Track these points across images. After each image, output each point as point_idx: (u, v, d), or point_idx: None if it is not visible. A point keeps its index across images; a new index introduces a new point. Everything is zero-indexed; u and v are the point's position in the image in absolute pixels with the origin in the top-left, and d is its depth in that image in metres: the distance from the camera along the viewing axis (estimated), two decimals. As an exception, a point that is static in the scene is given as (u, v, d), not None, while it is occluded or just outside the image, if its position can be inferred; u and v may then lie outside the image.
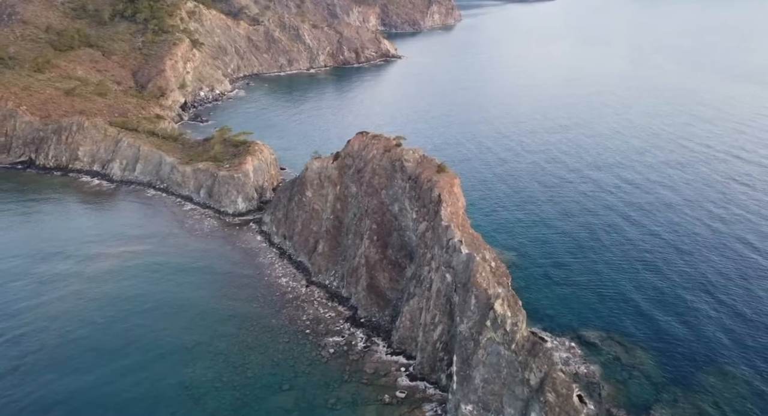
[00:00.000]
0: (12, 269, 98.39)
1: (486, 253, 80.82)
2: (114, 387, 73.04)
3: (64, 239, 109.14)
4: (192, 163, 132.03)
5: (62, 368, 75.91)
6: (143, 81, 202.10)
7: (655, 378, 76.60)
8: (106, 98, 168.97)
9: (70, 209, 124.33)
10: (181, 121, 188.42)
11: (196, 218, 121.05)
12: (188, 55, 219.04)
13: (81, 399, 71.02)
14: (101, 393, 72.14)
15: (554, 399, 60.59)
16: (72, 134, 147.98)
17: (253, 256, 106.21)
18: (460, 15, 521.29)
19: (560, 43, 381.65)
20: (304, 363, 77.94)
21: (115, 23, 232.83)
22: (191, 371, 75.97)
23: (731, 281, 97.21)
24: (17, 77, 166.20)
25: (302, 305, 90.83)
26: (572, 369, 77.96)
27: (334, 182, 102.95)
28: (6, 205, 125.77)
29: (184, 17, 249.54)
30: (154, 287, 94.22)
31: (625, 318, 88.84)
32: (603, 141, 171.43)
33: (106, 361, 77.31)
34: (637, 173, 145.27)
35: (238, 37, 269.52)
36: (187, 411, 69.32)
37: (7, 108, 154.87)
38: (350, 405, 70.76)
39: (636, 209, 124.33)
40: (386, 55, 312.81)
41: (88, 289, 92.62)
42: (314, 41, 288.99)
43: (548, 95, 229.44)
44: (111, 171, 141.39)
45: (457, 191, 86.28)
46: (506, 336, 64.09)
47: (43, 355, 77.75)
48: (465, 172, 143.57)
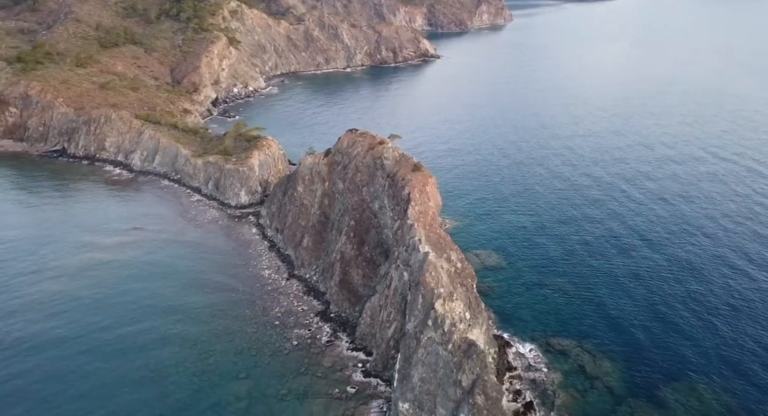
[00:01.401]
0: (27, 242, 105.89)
1: (452, 254, 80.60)
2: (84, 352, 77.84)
3: (72, 223, 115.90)
4: (203, 156, 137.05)
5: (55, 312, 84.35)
6: (179, 77, 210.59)
7: (617, 390, 74.27)
8: (138, 92, 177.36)
9: (86, 196, 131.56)
10: (210, 116, 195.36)
11: (200, 208, 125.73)
12: (224, 53, 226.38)
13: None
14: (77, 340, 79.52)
15: (483, 402, 59.98)
16: (100, 125, 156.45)
17: (245, 247, 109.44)
18: (510, 15, 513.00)
19: (613, 44, 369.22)
20: (266, 353, 79.99)
21: (160, 22, 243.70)
22: (159, 353, 79.46)
23: (718, 299, 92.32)
24: (58, 71, 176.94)
25: (278, 297, 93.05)
26: (532, 376, 76.73)
27: (323, 179, 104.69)
28: (36, 189, 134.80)
29: (226, 16, 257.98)
30: (142, 273, 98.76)
31: (601, 329, 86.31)
32: (622, 151, 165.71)
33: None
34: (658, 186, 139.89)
35: (278, 36, 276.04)
36: (145, 392, 72.63)
37: (46, 100, 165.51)
38: (300, 397, 72.22)
39: (655, 226, 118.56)
40: (425, 55, 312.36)
41: (81, 273, 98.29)
42: (352, 40, 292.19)
43: (582, 99, 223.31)
44: (132, 162, 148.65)
45: (429, 190, 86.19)
46: (444, 336, 63.88)
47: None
48: (473, 176, 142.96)
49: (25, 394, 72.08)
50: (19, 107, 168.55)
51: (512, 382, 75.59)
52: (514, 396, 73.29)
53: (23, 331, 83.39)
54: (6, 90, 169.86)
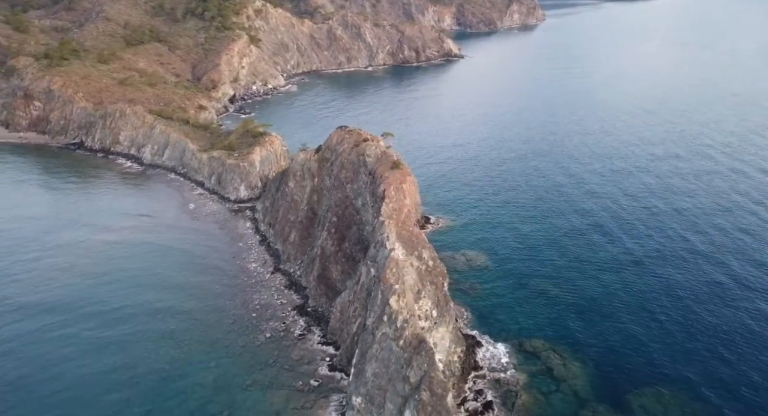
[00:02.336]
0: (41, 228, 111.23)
1: (424, 252, 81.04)
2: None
3: (79, 212, 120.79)
4: (208, 151, 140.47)
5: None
6: (200, 74, 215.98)
7: (582, 394, 73.29)
8: (155, 88, 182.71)
9: (97, 188, 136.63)
10: (226, 112, 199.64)
11: (201, 201, 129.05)
12: (245, 51, 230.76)
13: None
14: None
15: (428, 398, 60.24)
16: (115, 119, 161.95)
17: (236, 240, 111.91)
18: (543, 15, 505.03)
19: (649, 44, 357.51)
20: (239, 344, 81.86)
21: (186, 20, 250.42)
22: (135, 339, 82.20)
23: (697, 312, 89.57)
24: (81, 67, 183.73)
25: (260, 290, 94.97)
26: (497, 376, 76.43)
27: (313, 175, 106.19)
28: (52, 179, 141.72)
29: (250, 15, 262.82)
30: (132, 261, 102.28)
31: (578, 332, 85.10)
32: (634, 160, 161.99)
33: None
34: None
35: (301, 35, 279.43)
36: (116, 375, 75.36)
37: (67, 95, 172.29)
38: (263, 388, 73.70)
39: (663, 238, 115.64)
40: (448, 54, 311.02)
41: (84, 256, 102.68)
42: (374, 40, 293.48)
43: (599, 99, 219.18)
44: (143, 155, 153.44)
45: (406, 187, 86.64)
46: (396, 332, 64.34)
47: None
48: (475, 178, 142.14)
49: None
50: (43, 101, 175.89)
51: (475, 381, 75.47)
52: (475, 395, 73.21)
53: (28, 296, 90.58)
54: (31, 85, 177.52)
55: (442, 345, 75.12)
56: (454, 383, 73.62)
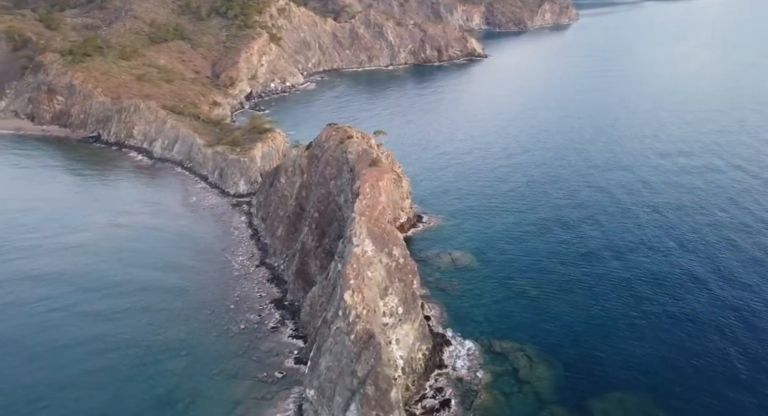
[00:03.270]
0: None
1: (395, 249, 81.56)
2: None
3: (84, 202, 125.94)
4: (213, 146, 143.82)
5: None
6: (219, 71, 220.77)
7: (544, 396, 72.68)
8: (171, 84, 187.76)
9: (105, 179, 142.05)
10: (242, 109, 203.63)
11: (202, 195, 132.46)
12: (264, 49, 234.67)
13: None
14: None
15: (373, 393, 60.86)
16: (130, 114, 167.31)
17: (229, 233, 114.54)
18: (576, 14, 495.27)
19: (688, 45, 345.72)
20: (213, 334, 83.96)
21: (210, 19, 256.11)
22: (113, 326, 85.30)
23: (674, 319, 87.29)
24: (102, 63, 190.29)
25: (242, 283, 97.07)
26: (460, 375, 76.42)
27: (302, 171, 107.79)
28: (66, 171, 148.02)
29: (273, 14, 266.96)
30: (121, 253, 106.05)
31: (551, 335, 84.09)
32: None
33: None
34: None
35: (324, 34, 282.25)
36: (89, 358, 78.45)
37: (87, 89, 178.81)
38: (229, 378, 75.47)
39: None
40: (471, 54, 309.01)
41: (87, 242, 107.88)
42: (396, 39, 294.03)
43: (611, 100, 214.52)
44: (154, 149, 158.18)
45: (382, 185, 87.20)
46: (348, 326, 65.14)
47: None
48: (474, 179, 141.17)
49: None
50: (65, 96, 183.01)
51: (437, 379, 75.68)
52: (435, 392, 73.46)
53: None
54: (55, 80, 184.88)
55: (405, 341, 75.60)
56: (414, 380, 74.07)
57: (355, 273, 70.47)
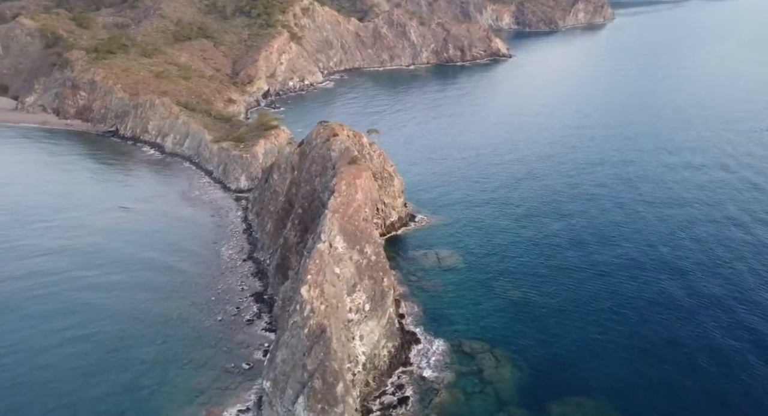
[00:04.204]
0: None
1: (367, 247, 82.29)
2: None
3: (92, 192, 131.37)
4: (219, 142, 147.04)
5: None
6: (239, 69, 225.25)
7: (504, 397, 72.10)
8: (188, 81, 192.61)
9: (115, 172, 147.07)
10: (257, 106, 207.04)
11: (205, 189, 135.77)
12: (284, 48, 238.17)
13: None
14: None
15: (319, 386, 61.60)
16: (145, 110, 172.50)
17: (224, 227, 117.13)
18: (612, 13, 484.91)
19: (727, 47, 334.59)
20: (190, 324, 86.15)
21: (235, 18, 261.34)
22: (97, 310, 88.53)
23: (655, 329, 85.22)
24: (124, 60, 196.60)
25: (227, 276, 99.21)
26: (424, 373, 76.49)
27: (293, 168, 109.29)
28: (84, 163, 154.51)
29: (297, 13, 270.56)
30: (119, 241, 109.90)
31: (525, 339, 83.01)
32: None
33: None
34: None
35: (346, 33, 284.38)
36: (67, 339, 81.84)
37: (107, 86, 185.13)
38: (197, 367, 77.34)
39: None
40: (495, 54, 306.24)
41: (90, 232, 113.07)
42: (419, 38, 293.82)
43: (632, 102, 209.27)
44: (165, 144, 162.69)
45: (360, 182, 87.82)
46: (303, 320, 66.07)
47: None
48: (475, 182, 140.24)
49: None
50: (88, 91, 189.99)
51: (400, 376, 75.90)
52: (395, 389, 73.74)
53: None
54: (78, 76, 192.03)
55: (369, 338, 76.06)
56: (376, 376, 74.50)
57: (317, 269, 71.32)
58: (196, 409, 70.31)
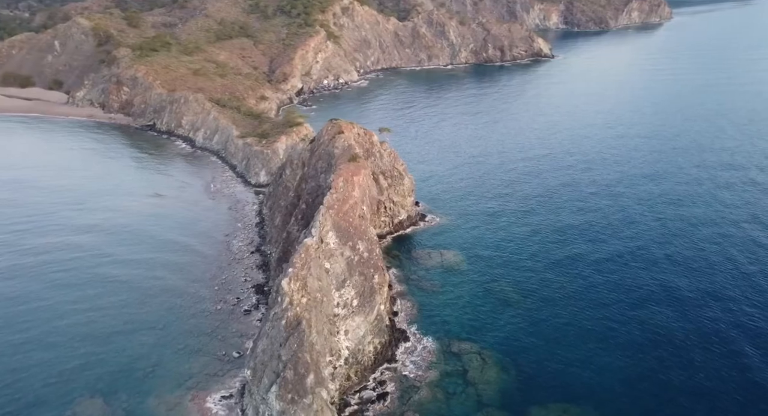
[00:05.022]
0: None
1: (360, 243, 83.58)
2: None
3: (117, 183, 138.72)
4: (244, 137, 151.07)
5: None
6: (275, 67, 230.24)
7: (486, 399, 71.76)
8: (224, 79, 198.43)
9: (146, 163, 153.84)
10: (290, 104, 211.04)
11: (226, 183, 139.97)
12: (320, 47, 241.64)
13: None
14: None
15: (291, 377, 62.98)
16: (180, 105, 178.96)
17: (238, 220, 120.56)
18: (669, 12, 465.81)
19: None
20: (190, 311, 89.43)
21: (275, 17, 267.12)
22: (107, 291, 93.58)
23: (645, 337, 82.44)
24: (164, 58, 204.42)
25: (233, 266, 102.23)
26: (408, 371, 76.88)
27: (303, 164, 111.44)
28: (120, 154, 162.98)
29: (337, 13, 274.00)
30: (143, 224, 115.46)
31: (516, 341, 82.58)
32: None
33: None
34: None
35: (385, 32, 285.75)
36: (74, 318, 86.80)
37: (148, 82, 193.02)
38: (191, 353, 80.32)
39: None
40: (537, 54, 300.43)
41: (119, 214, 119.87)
42: (458, 38, 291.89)
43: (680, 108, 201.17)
44: (196, 138, 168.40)
45: (357, 180, 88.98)
46: (282, 312, 67.64)
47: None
48: (492, 185, 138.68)
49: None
50: (130, 87, 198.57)
51: (383, 373, 76.54)
52: (376, 385, 74.43)
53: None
54: (123, 72, 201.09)
55: (355, 333, 77.05)
56: (358, 371, 75.43)
57: (302, 263, 72.82)
58: (183, 392, 73.18)
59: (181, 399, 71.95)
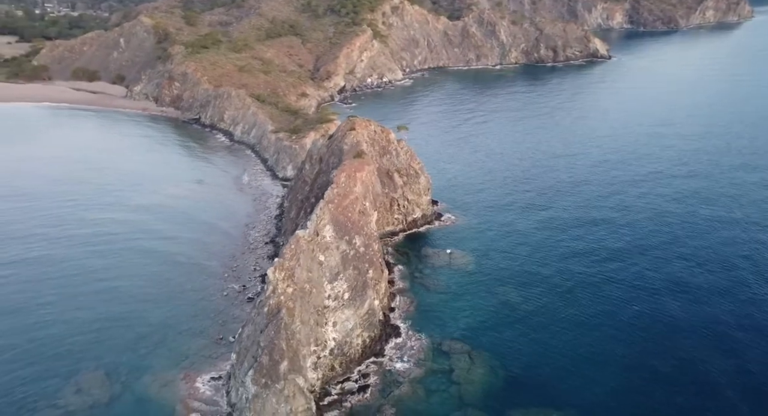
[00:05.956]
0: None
1: (357, 238, 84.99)
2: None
3: (155, 172, 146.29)
4: (277, 132, 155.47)
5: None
6: (320, 65, 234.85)
7: (467, 399, 71.60)
8: (267, 75, 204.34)
9: (188, 155, 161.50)
10: (331, 101, 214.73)
11: (256, 176, 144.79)
12: (366, 46, 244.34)
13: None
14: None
15: (266, 362, 65.06)
16: (223, 100, 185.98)
17: (260, 211, 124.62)
18: (750, 11, 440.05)
19: None
20: (197, 296, 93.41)
21: (326, 16, 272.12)
22: (124, 271, 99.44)
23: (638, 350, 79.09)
24: (213, 55, 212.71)
25: (246, 256, 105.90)
26: (393, 365, 77.58)
27: (320, 159, 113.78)
28: (172, 144, 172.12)
29: (386, 12, 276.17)
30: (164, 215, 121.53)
31: (508, 344, 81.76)
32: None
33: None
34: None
35: (434, 32, 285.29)
36: (98, 286, 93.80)
37: (196, 78, 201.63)
38: (192, 335, 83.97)
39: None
40: (593, 55, 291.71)
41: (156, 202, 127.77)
42: (509, 37, 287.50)
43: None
44: (235, 132, 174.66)
45: (360, 176, 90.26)
46: (266, 299, 69.92)
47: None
48: (520, 191, 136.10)
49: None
50: (180, 82, 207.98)
51: (369, 366, 77.54)
52: (360, 377, 75.57)
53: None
54: (175, 68, 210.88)
55: (343, 325, 78.42)
56: (343, 362, 76.75)
57: (291, 254, 74.91)
58: (178, 372, 76.77)
59: (174, 378, 75.54)
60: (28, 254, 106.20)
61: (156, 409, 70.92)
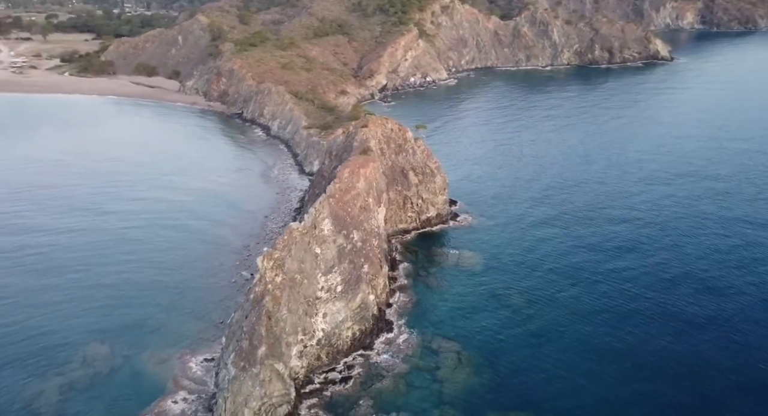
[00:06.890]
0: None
1: (355, 232, 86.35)
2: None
3: (194, 160, 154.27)
4: (309, 128, 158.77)
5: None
6: (364, 64, 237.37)
7: (446, 398, 71.28)
8: (309, 73, 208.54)
9: (226, 147, 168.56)
10: (371, 99, 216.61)
11: (284, 170, 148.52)
12: (411, 45, 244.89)
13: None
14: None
15: (246, 347, 67.06)
16: (264, 96, 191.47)
17: (282, 204, 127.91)
18: None
19: None
20: (208, 281, 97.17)
21: (374, 15, 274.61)
22: (141, 250, 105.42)
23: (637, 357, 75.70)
24: (259, 52, 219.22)
25: (260, 245, 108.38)
26: (379, 359, 78.19)
27: (338, 155, 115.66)
28: (216, 136, 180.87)
29: (436, 11, 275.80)
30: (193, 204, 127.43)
31: (504, 349, 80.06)
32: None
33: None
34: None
35: (484, 31, 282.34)
36: (97, 276, 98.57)
37: (241, 74, 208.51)
38: (194, 317, 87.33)
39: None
40: (653, 57, 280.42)
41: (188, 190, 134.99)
42: (562, 38, 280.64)
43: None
44: (272, 127, 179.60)
45: (364, 172, 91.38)
46: (254, 287, 72.18)
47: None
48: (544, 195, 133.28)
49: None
50: (227, 78, 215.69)
51: (356, 358, 78.43)
52: (345, 368, 76.60)
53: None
54: (223, 65, 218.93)
55: (333, 317, 79.63)
56: (329, 352, 77.99)
57: (283, 244, 76.96)
58: (175, 351, 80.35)
59: (171, 356, 79.04)
60: (77, 225, 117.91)
61: (149, 384, 74.49)
